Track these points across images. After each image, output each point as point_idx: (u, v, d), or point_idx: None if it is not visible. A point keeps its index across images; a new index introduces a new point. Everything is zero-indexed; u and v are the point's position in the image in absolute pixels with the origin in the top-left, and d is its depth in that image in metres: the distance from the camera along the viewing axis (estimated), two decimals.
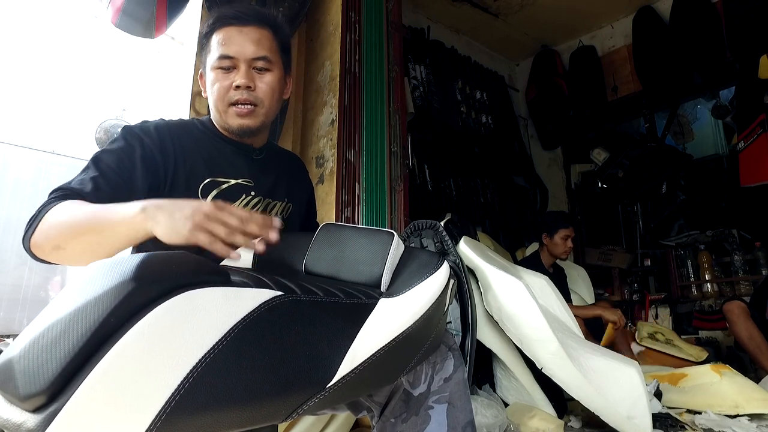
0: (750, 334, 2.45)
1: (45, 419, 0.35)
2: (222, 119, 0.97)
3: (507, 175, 4.14)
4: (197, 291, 0.44)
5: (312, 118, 2.36)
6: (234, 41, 0.94)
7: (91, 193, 0.78)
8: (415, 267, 0.63)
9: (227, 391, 0.41)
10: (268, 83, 0.97)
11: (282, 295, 0.49)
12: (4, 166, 2.03)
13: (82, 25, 2.20)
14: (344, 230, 0.68)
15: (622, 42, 4.13)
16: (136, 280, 0.41)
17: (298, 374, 0.47)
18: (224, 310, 0.44)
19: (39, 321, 0.40)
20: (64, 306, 0.40)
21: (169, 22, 1.98)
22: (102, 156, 0.85)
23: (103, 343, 0.38)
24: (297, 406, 0.48)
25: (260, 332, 0.46)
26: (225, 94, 0.95)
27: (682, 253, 4.02)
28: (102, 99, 2.20)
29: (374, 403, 0.76)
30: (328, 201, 2.07)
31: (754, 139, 3.38)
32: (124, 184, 0.83)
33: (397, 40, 2.46)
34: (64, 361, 0.36)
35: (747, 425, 1.72)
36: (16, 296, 1.97)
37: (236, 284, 0.47)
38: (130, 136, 0.89)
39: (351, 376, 0.51)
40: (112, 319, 0.38)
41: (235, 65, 0.95)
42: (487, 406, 1.68)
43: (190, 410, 0.39)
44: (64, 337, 0.37)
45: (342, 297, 0.55)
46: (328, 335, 0.51)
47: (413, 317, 0.57)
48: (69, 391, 0.36)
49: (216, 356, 0.42)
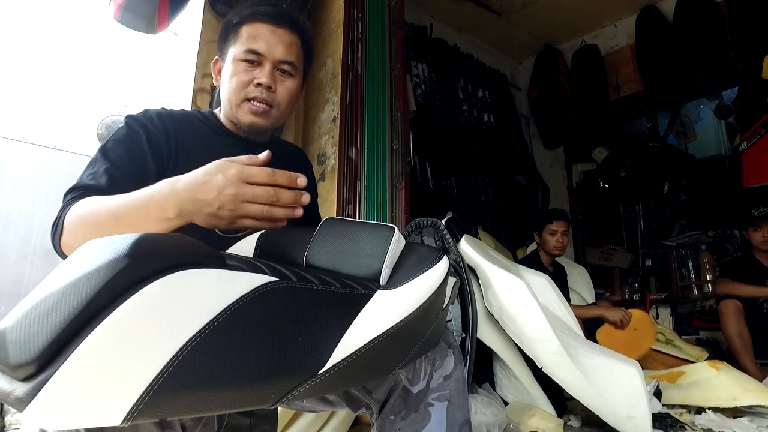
0: (740, 332, 2.53)
1: (33, 388, 0.36)
2: (232, 112, 0.96)
3: (508, 174, 4.13)
4: (191, 271, 0.44)
5: (314, 116, 2.36)
6: (265, 38, 0.94)
7: (106, 185, 0.78)
8: (414, 261, 0.63)
9: (216, 372, 0.42)
10: (288, 88, 0.97)
11: (277, 281, 0.49)
12: (5, 161, 2.03)
13: (84, 20, 2.20)
14: (346, 225, 0.68)
15: (625, 41, 4.12)
16: (129, 257, 0.41)
17: (289, 359, 0.47)
18: (217, 292, 0.44)
19: (34, 294, 0.41)
20: (59, 280, 0.40)
21: (171, 17, 1.98)
22: (111, 146, 0.84)
23: (94, 317, 0.38)
24: (287, 391, 0.48)
25: (252, 316, 0.46)
26: (243, 88, 0.94)
27: (683, 254, 4.01)
28: (104, 95, 2.20)
29: (373, 400, 0.76)
30: (330, 198, 2.07)
31: (757, 139, 3.37)
32: (137, 172, 0.83)
33: (399, 37, 2.46)
34: (54, 333, 0.37)
35: (747, 425, 1.72)
36: (17, 291, 1.98)
37: (231, 268, 0.47)
38: (134, 123, 0.88)
39: (343, 364, 0.51)
40: (104, 294, 0.39)
41: (261, 62, 0.94)
42: (487, 404, 1.68)
43: (178, 388, 0.40)
44: (55, 309, 0.38)
45: (338, 286, 0.55)
46: (322, 323, 0.51)
47: (409, 309, 0.57)
48: (58, 362, 0.36)
49: (206, 337, 0.42)
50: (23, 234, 2.02)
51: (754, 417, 1.82)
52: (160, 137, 0.89)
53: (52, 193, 2.08)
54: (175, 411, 0.41)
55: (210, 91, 2.13)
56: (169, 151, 0.89)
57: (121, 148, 0.84)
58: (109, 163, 0.81)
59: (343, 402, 0.81)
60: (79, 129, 2.12)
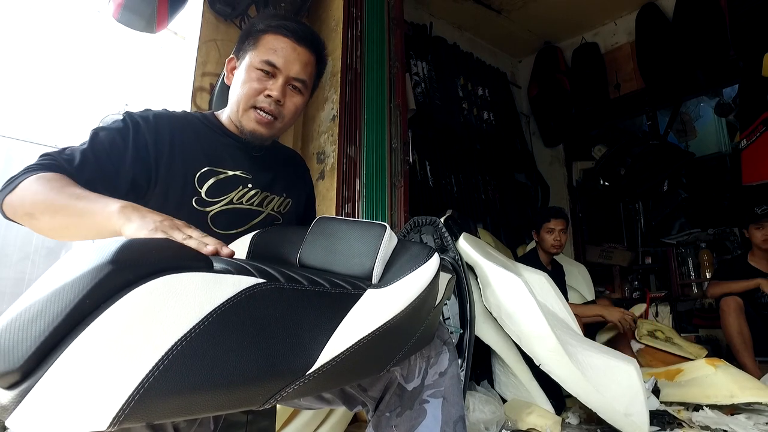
0: (740, 329, 2.53)
1: (18, 395, 0.36)
2: (238, 116, 0.98)
3: (508, 172, 4.13)
4: (176, 275, 0.44)
5: (313, 114, 2.37)
6: (284, 54, 0.96)
7: (76, 169, 0.80)
8: (405, 259, 0.63)
9: (202, 376, 0.42)
10: (296, 103, 1.00)
11: (264, 283, 0.49)
12: (6, 160, 2.03)
13: (84, 19, 2.20)
14: (338, 223, 0.69)
15: (625, 39, 4.12)
16: (113, 263, 0.41)
17: (276, 361, 0.47)
18: (203, 296, 0.44)
19: (19, 302, 0.41)
20: (43, 288, 0.41)
21: (170, 17, 1.98)
22: (100, 133, 0.87)
23: (77, 324, 0.38)
24: (275, 392, 0.48)
25: (239, 318, 0.46)
26: (253, 96, 0.96)
27: (683, 252, 4.01)
28: (104, 94, 2.21)
29: (369, 397, 0.77)
30: (329, 197, 2.08)
31: (757, 137, 3.37)
32: (111, 166, 0.85)
33: (399, 36, 2.45)
34: (38, 340, 0.37)
35: (744, 422, 1.72)
36: (19, 290, 1.99)
37: (218, 271, 0.48)
38: (129, 119, 0.91)
39: (332, 364, 0.51)
40: (88, 301, 0.39)
41: (275, 75, 0.96)
42: (485, 402, 1.69)
43: (164, 392, 0.40)
44: (39, 317, 0.38)
45: (327, 286, 0.55)
46: (310, 323, 0.51)
47: (399, 308, 0.57)
48: (42, 370, 0.37)
49: (192, 340, 0.42)
50: (25, 232, 2.02)
51: (751, 414, 1.83)
52: (149, 137, 0.90)
53: None
54: (163, 414, 0.41)
55: (209, 90, 2.14)
56: (159, 150, 0.91)
57: (107, 138, 0.87)
58: (90, 148, 0.84)
59: (339, 400, 0.82)
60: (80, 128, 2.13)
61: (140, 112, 0.94)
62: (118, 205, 0.67)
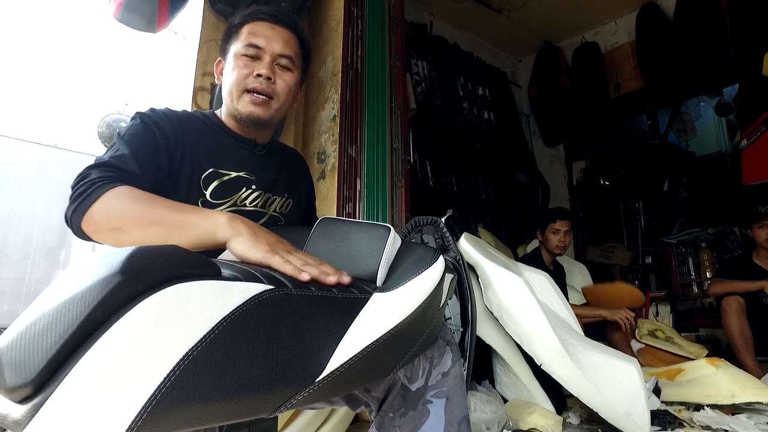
0: (741, 329, 2.53)
1: (31, 410, 0.35)
2: (233, 105, 0.98)
3: (509, 172, 4.13)
4: (185, 284, 0.43)
5: (313, 114, 2.36)
6: (264, 34, 0.97)
7: (138, 174, 0.80)
8: (410, 262, 0.62)
9: (213, 385, 0.41)
10: (287, 81, 0.99)
11: (272, 289, 0.49)
12: (6, 160, 2.03)
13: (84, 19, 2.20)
14: (341, 225, 0.68)
15: (626, 39, 4.12)
16: (123, 273, 0.41)
17: (286, 368, 0.47)
18: (212, 304, 0.44)
19: (27, 314, 0.40)
20: (52, 299, 0.40)
21: (171, 16, 1.97)
22: (129, 137, 0.86)
23: (89, 335, 0.38)
24: (285, 399, 0.48)
25: (249, 326, 0.45)
26: (243, 80, 0.96)
27: (684, 251, 4.01)
28: (104, 93, 2.20)
29: (372, 398, 0.77)
30: (330, 196, 2.08)
31: (757, 136, 3.37)
32: (155, 167, 0.85)
33: (399, 35, 2.45)
34: (49, 353, 0.36)
35: (745, 422, 1.72)
36: (19, 290, 1.98)
37: (226, 278, 0.47)
38: (147, 119, 0.90)
39: (341, 370, 0.50)
40: (98, 312, 0.38)
41: (260, 56, 0.97)
42: (486, 401, 1.68)
43: (176, 403, 0.39)
44: (49, 329, 0.38)
45: (334, 291, 0.54)
46: (319, 329, 0.51)
47: (406, 312, 0.56)
48: (55, 383, 0.36)
49: (203, 350, 0.41)
50: (25, 232, 2.02)
51: (752, 414, 1.83)
52: (170, 134, 0.90)
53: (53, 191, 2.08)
54: (175, 425, 0.41)
55: (210, 90, 2.14)
56: (176, 148, 0.91)
57: (138, 140, 0.86)
58: (131, 150, 0.83)
59: (342, 400, 0.82)
60: (80, 127, 2.13)
61: (149, 110, 0.94)
62: (225, 218, 0.67)
